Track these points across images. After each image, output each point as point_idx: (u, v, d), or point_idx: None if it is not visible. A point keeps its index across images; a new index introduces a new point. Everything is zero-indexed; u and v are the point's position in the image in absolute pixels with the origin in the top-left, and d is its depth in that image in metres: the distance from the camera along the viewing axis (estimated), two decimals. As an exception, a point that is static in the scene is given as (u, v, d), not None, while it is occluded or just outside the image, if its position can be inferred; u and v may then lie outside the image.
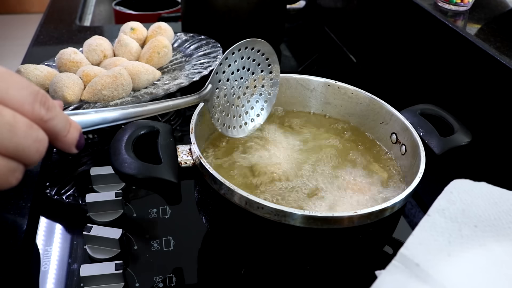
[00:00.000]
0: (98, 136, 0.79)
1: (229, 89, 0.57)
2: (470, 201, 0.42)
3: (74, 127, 0.35)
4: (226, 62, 0.55)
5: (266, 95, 0.61)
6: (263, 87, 0.60)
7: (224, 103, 0.57)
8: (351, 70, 1.10)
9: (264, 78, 0.60)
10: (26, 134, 0.30)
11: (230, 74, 0.56)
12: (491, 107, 0.69)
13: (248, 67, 0.57)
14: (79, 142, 0.36)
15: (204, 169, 0.47)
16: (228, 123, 0.58)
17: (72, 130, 0.35)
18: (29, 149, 0.31)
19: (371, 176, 0.57)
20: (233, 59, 0.55)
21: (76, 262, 0.56)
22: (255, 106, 0.61)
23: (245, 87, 0.59)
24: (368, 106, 0.63)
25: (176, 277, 0.54)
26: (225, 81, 0.56)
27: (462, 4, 0.82)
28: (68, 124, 0.34)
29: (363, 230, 0.47)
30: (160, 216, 0.62)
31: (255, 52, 0.57)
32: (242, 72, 0.57)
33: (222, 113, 0.57)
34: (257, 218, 0.44)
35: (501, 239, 0.39)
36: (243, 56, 0.56)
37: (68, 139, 0.34)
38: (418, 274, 0.37)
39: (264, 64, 0.59)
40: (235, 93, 0.58)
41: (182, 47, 0.90)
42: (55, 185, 0.67)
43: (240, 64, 0.56)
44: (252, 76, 0.59)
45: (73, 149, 0.35)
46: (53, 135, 0.33)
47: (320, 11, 1.33)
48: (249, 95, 0.59)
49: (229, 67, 0.55)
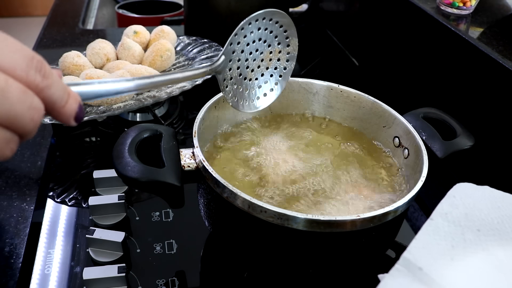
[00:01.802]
0: (101, 139, 0.79)
1: (243, 61, 0.54)
2: (473, 205, 0.42)
3: (73, 97, 0.33)
4: (242, 33, 0.53)
5: (281, 69, 0.58)
6: (279, 60, 0.58)
7: (236, 75, 0.54)
8: (353, 73, 1.10)
9: (281, 51, 0.57)
10: (19, 100, 0.28)
11: (245, 45, 0.54)
12: (494, 111, 0.69)
13: (264, 39, 0.55)
14: (78, 114, 0.34)
15: (207, 173, 0.47)
16: (239, 97, 0.56)
17: (70, 101, 0.33)
18: (23, 116, 0.29)
19: (373, 179, 0.57)
20: (249, 30, 0.53)
21: (78, 265, 0.56)
22: (269, 80, 0.58)
23: (260, 60, 0.56)
24: (370, 110, 0.63)
25: (178, 280, 0.54)
26: (240, 52, 0.53)
27: (464, 7, 0.82)
28: (67, 94, 0.32)
29: (366, 234, 0.47)
30: (163, 219, 0.63)
31: (273, 23, 0.55)
32: (258, 44, 0.55)
33: (234, 86, 0.54)
34: (260, 221, 0.44)
35: (504, 243, 0.39)
36: (260, 27, 0.54)
37: (66, 110, 0.33)
38: (421, 278, 0.37)
39: (282, 36, 0.56)
40: (249, 66, 0.55)
41: (185, 51, 0.90)
42: (58, 188, 0.67)
43: (256, 36, 0.54)
44: (268, 48, 0.56)
45: (71, 121, 0.33)
46: (49, 105, 0.31)
47: (322, 14, 1.33)
48: (263, 68, 0.57)
49: (244, 38, 0.53)
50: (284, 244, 0.47)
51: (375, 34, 1.05)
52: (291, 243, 0.46)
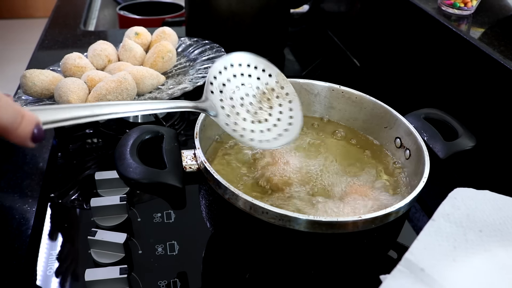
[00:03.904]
0: (102, 141, 0.79)
1: (238, 106, 0.53)
2: (475, 206, 0.42)
3: (28, 119, 0.33)
4: (218, 81, 0.53)
5: (286, 104, 0.56)
6: (278, 98, 0.56)
7: (241, 121, 0.53)
8: (355, 74, 1.10)
9: (274, 88, 0.56)
10: None
11: (230, 92, 0.53)
12: (495, 111, 0.69)
13: (247, 82, 0.55)
14: (35, 136, 0.33)
15: (208, 174, 0.47)
16: (257, 138, 0.53)
17: (24, 123, 0.33)
18: None
19: (375, 180, 0.57)
20: (225, 77, 0.53)
21: (80, 266, 0.56)
22: (281, 117, 0.55)
23: (257, 102, 0.55)
24: (372, 111, 0.63)
25: (180, 282, 0.54)
26: (228, 99, 0.53)
27: (465, 8, 0.82)
28: (20, 117, 0.32)
29: (367, 235, 0.47)
30: (165, 221, 0.63)
31: (240, 66, 0.55)
32: (241, 80, 0.54)
33: (245, 130, 0.53)
34: (261, 222, 0.44)
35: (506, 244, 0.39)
36: (235, 73, 0.54)
37: (19, 132, 0.32)
38: (423, 279, 0.37)
39: (264, 76, 0.56)
40: (244, 104, 0.54)
41: (186, 52, 0.90)
42: (59, 190, 0.67)
43: (235, 82, 0.54)
44: (256, 84, 0.55)
45: (28, 142, 0.33)
46: (1, 130, 0.31)
47: (324, 15, 1.33)
48: (267, 108, 0.55)
49: (224, 86, 0.53)
50: (285, 245, 0.47)
51: (376, 34, 1.05)
52: (293, 244, 0.46)
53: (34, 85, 0.72)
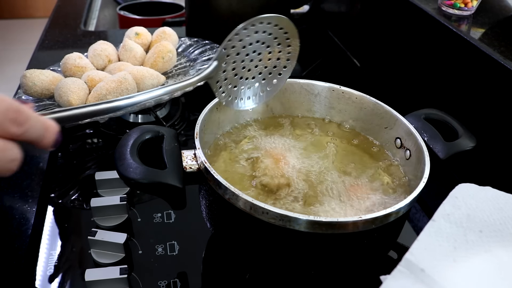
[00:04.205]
0: (102, 141, 0.79)
1: (239, 62, 0.53)
2: (475, 206, 0.42)
3: (51, 130, 0.35)
4: (236, 38, 0.51)
5: (281, 67, 0.57)
6: (278, 60, 0.56)
7: (232, 75, 0.53)
8: (355, 74, 1.10)
9: (281, 51, 0.56)
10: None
11: (241, 48, 0.52)
12: (496, 112, 0.69)
13: (263, 41, 0.54)
14: (56, 142, 0.36)
15: (209, 174, 0.47)
16: (233, 95, 0.54)
17: (48, 135, 0.35)
18: (1, 169, 0.32)
19: (375, 181, 0.57)
20: (246, 34, 0.52)
21: (80, 266, 0.56)
22: (267, 78, 0.56)
23: (258, 60, 0.55)
24: (372, 111, 0.63)
25: (180, 282, 0.54)
26: (235, 55, 0.52)
27: (466, 8, 0.82)
28: (44, 130, 0.35)
29: (367, 235, 0.47)
30: (165, 221, 0.63)
31: (272, 26, 0.53)
32: (256, 46, 0.54)
33: (229, 86, 0.53)
34: (261, 223, 0.44)
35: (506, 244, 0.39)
36: (257, 30, 0.52)
37: (45, 143, 0.35)
38: (423, 279, 0.37)
39: (282, 38, 0.55)
40: (246, 66, 0.54)
41: (186, 52, 0.90)
42: (60, 190, 0.67)
43: (253, 39, 0.53)
44: (267, 49, 0.55)
45: (50, 148, 0.36)
46: (29, 142, 0.34)
47: (324, 15, 1.33)
48: (262, 67, 0.56)
49: (239, 42, 0.52)
50: (286, 246, 0.47)
51: (377, 35, 1.05)
52: (293, 244, 0.46)
53: (34, 85, 0.72)
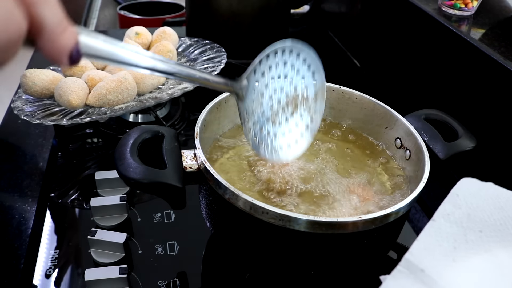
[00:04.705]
0: (102, 140, 0.79)
1: (267, 98, 0.48)
2: (476, 205, 0.42)
3: (71, 32, 0.28)
4: (267, 63, 0.47)
5: (307, 119, 0.51)
6: (303, 105, 0.51)
7: (259, 113, 0.48)
8: (355, 74, 1.10)
9: (307, 97, 0.50)
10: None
11: (270, 79, 0.48)
12: (496, 112, 0.69)
13: (291, 78, 0.49)
14: (73, 54, 0.29)
15: (208, 174, 0.47)
16: (260, 139, 0.48)
17: (66, 34, 0.28)
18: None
19: (375, 181, 0.57)
20: (275, 62, 0.47)
21: (80, 266, 0.56)
22: (294, 129, 0.50)
23: (285, 103, 0.49)
24: (372, 111, 0.63)
25: (180, 282, 0.54)
26: (264, 86, 0.47)
27: (466, 9, 0.82)
28: (63, 24, 0.28)
29: (367, 235, 0.47)
30: (165, 221, 0.63)
31: (301, 61, 0.49)
32: (283, 82, 0.49)
33: (256, 126, 0.47)
34: (261, 223, 0.44)
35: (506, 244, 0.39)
36: (286, 61, 0.48)
37: (61, 41, 0.28)
38: (423, 279, 0.37)
39: (309, 79, 0.50)
40: (273, 106, 0.49)
41: (186, 52, 0.90)
42: (59, 189, 0.67)
43: (281, 71, 0.48)
44: (294, 91, 0.50)
45: (64, 57, 0.28)
46: (38, 27, 0.26)
47: (324, 15, 1.33)
48: (288, 114, 0.50)
49: (269, 70, 0.47)
50: (285, 246, 0.47)
51: (377, 35, 1.05)
52: (293, 244, 0.46)
53: (35, 84, 0.72)
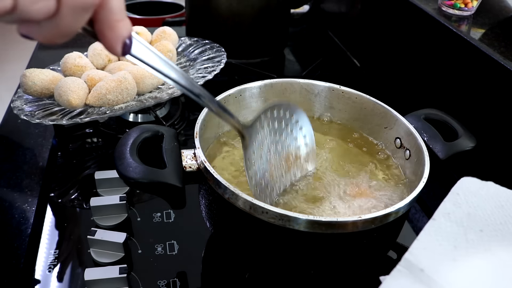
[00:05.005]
0: (102, 140, 0.79)
1: (266, 151, 0.51)
2: (477, 204, 0.41)
3: (127, 23, 0.30)
4: (267, 118, 0.51)
5: (300, 175, 0.56)
6: (297, 164, 0.55)
7: (260, 165, 0.50)
8: (355, 74, 1.10)
9: (300, 158, 0.55)
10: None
11: (268, 133, 0.52)
12: (495, 112, 0.69)
13: (285, 135, 0.54)
14: (127, 44, 0.30)
15: (208, 174, 0.47)
16: (261, 191, 0.50)
17: (125, 23, 0.29)
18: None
19: (375, 180, 0.57)
20: (274, 118, 0.51)
21: (80, 266, 0.56)
22: (288, 187, 0.55)
23: (281, 159, 0.53)
24: (372, 111, 0.63)
25: (180, 281, 0.54)
26: (264, 138, 0.51)
27: (466, 9, 0.82)
28: (123, 13, 0.29)
29: (367, 235, 0.47)
30: (164, 220, 0.63)
31: (295, 122, 0.54)
32: (279, 138, 0.53)
33: (257, 176, 0.50)
34: (261, 222, 0.44)
35: (506, 244, 0.39)
36: (281, 120, 0.52)
37: (119, 27, 0.29)
38: (422, 279, 0.37)
39: (301, 140, 0.56)
40: (271, 161, 0.52)
41: (186, 52, 0.90)
42: (59, 189, 0.67)
43: (278, 128, 0.52)
44: (288, 149, 0.54)
45: (118, 45, 0.29)
46: (103, 9, 0.28)
47: (324, 15, 1.33)
48: (284, 171, 0.54)
49: (269, 125, 0.51)
50: (285, 245, 0.47)
51: (377, 35, 1.05)
52: (293, 244, 0.46)
53: (34, 84, 0.72)
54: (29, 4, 0.24)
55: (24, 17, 0.24)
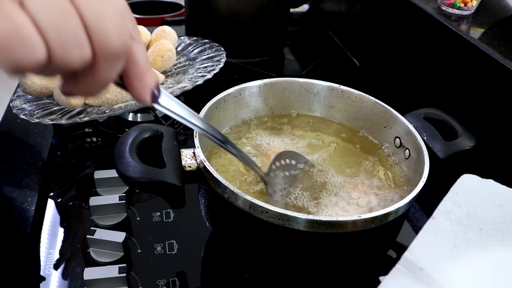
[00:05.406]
0: (101, 140, 0.79)
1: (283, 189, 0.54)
2: (476, 203, 0.42)
3: (153, 73, 0.32)
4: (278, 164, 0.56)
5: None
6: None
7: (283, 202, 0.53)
8: (354, 73, 1.10)
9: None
10: (117, 15, 0.27)
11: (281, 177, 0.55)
12: (495, 111, 0.69)
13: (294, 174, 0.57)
14: (155, 94, 0.32)
15: (208, 173, 0.47)
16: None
17: (151, 74, 0.31)
18: (110, 23, 0.27)
19: (374, 180, 0.57)
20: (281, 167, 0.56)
21: (79, 265, 0.56)
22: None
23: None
24: (372, 110, 0.63)
25: (179, 281, 0.54)
26: (279, 180, 0.55)
27: (465, 8, 0.82)
28: (148, 65, 0.31)
29: (367, 235, 0.47)
30: (164, 220, 0.62)
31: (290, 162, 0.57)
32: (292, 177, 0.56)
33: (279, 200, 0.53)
34: (261, 222, 0.44)
35: (506, 243, 0.39)
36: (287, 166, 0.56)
37: (146, 78, 0.31)
38: (422, 278, 0.37)
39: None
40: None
41: (185, 51, 0.90)
42: (59, 189, 0.67)
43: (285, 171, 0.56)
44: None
45: (147, 94, 0.32)
46: (132, 62, 0.30)
47: (324, 14, 1.33)
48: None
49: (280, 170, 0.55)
50: (285, 245, 0.47)
51: (376, 34, 1.05)
52: (292, 243, 0.46)
53: (34, 83, 0.71)
54: (63, 51, 0.25)
55: (61, 66, 0.26)
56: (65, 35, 0.25)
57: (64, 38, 0.25)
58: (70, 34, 0.25)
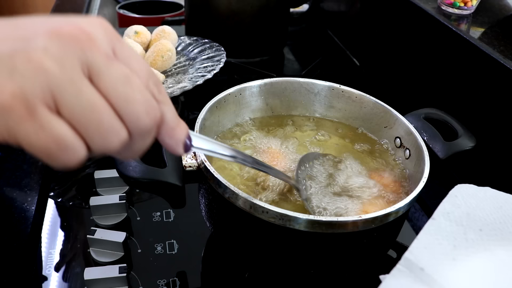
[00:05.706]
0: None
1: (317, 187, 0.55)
2: (475, 205, 0.42)
3: (183, 125, 0.33)
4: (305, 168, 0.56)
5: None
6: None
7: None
8: (354, 73, 1.10)
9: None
10: (140, 90, 0.28)
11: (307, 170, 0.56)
12: (495, 111, 0.69)
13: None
14: (187, 144, 0.33)
15: (208, 173, 0.47)
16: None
17: (181, 126, 0.33)
18: (139, 105, 0.27)
19: (374, 180, 0.57)
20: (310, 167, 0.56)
21: (79, 265, 0.56)
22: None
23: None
24: (372, 110, 0.63)
25: (179, 281, 0.54)
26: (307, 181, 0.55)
27: (465, 7, 0.82)
28: (178, 119, 0.33)
29: (367, 235, 0.47)
30: (164, 220, 0.62)
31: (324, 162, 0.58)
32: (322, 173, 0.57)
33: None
34: (261, 222, 0.44)
35: (506, 243, 0.39)
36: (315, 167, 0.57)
37: (177, 133, 0.32)
38: (422, 278, 0.37)
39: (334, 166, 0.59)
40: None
41: (185, 51, 0.90)
42: (59, 188, 0.67)
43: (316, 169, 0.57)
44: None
45: (180, 147, 0.33)
46: (161, 122, 0.31)
47: (323, 14, 1.33)
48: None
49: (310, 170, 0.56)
50: (285, 245, 0.47)
51: (376, 34, 1.05)
52: (293, 243, 0.46)
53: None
54: (103, 142, 0.27)
55: (104, 152, 0.27)
56: (102, 129, 0.26)
57: (102, 131, 0.26)
58: (106, 126, 0.26)
